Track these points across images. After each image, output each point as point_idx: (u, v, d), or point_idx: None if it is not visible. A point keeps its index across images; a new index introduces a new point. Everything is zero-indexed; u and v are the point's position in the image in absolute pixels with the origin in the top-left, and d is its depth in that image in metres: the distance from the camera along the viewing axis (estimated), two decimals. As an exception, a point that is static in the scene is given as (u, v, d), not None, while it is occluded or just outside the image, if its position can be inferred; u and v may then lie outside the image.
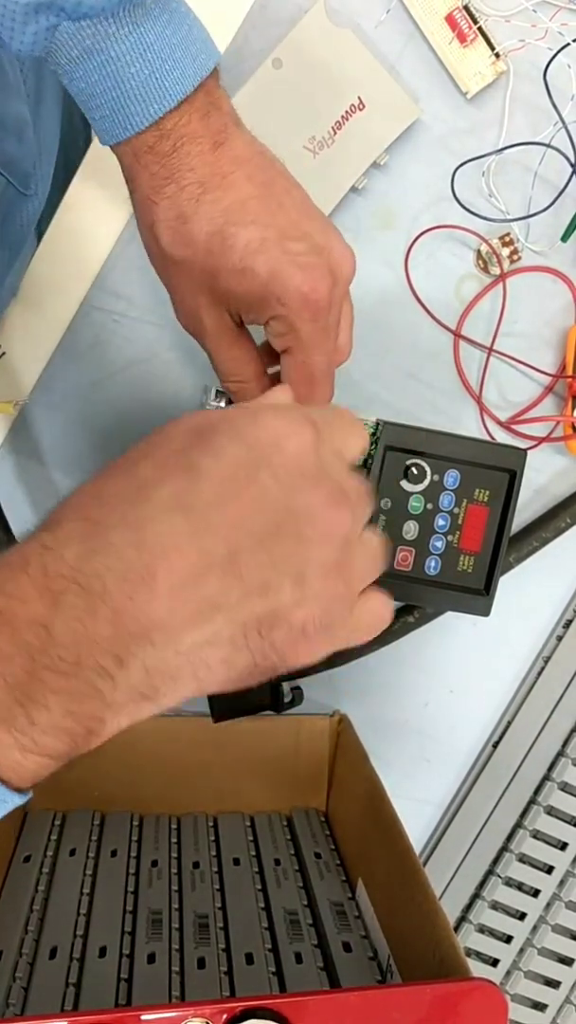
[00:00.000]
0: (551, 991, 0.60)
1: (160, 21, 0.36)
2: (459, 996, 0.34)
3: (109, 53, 0.35)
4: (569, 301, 0.54)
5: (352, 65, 0.48)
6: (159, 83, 0.36)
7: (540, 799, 0.58)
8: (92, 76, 0.36)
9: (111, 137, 0.38)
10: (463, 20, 0.49)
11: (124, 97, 0.36)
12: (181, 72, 0.36)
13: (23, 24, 0.33)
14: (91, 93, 0.36)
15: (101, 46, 0.35)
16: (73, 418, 0.52)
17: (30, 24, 0.33)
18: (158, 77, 0.36)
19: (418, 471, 0.46)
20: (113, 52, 0.35)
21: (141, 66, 0.36)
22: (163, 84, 0.36)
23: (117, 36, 0.35)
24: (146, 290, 0.51)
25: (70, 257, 0.50)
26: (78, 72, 0.36)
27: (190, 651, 0.27)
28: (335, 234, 0.40)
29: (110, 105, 0.36)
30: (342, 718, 0.55)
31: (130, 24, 0.35)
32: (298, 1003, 0.32)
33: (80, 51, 0.35)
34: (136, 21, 0.35)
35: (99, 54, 0.35)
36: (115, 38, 0.35)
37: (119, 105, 0.36)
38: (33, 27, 0.33)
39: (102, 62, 0.36)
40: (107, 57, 0.35)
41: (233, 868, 0.49)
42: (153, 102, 0.36)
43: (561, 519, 0.55)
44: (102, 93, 0.36)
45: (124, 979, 0.40)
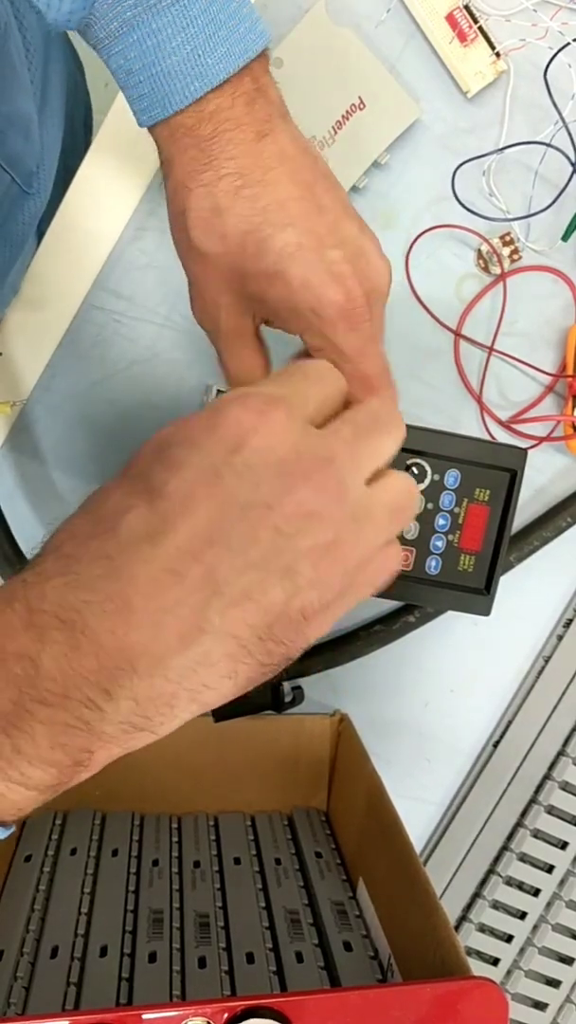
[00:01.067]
0: (552, 990, 0.60)
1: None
2: (460, 995, 0.34)
3: (150, 26, 0.34)
4: (569, 300, 0.54)
5: (353, 64, 0.48)
6: (202, 60, 0.34)
7: (541, 798, 0.59)
8: (131, 51, 0.34)
9: (149, 117, 0.36)
10: (463, 19, 0.49)
11: (164, 74, 0.34)
12: (227, 50, 0.34)
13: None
14: (130, 69, 0.35)
15: (142, 18, 0.34)
16: (73, 418, 0.52)
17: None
18: (201, 54, 0.34)
19: (419, 471, 0.46)
20: (154, 25, 0.34)
21: (183, 40, 0.34)
22: (206, 62, 0.34)
23: (159, 8, 0.33)
24: (147, 290, 0.51)
25: (71, 257, 0.50)
26: (117, 47, 0.35)
27: (182, 676, 0.27)
28: (372, 242, 0.38)
29: (149, 83, 0.35)
30: (343, 718, 0.55)
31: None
32: (299, 1002, 0.32)
33: (120, 23, 0.34)
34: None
35: (139, 27, 0.34)
36: (156, 10, 0.33)
37: (158, 83, 0.35)
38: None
39: (142, 36, 0.34)
40: (148, 30, 0.34)
41: (234, 867, 0.49)
42: (195, 79, 0.34)
43: (561, 518, 0.55)
44: (141, 69, 0.35)
45: (125, 978, 0.40)
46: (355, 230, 0.38)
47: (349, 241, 0.37)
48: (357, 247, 0.37)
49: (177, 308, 0.51)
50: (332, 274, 0.36)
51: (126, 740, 0.27)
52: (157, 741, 0.28)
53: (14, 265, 0.52)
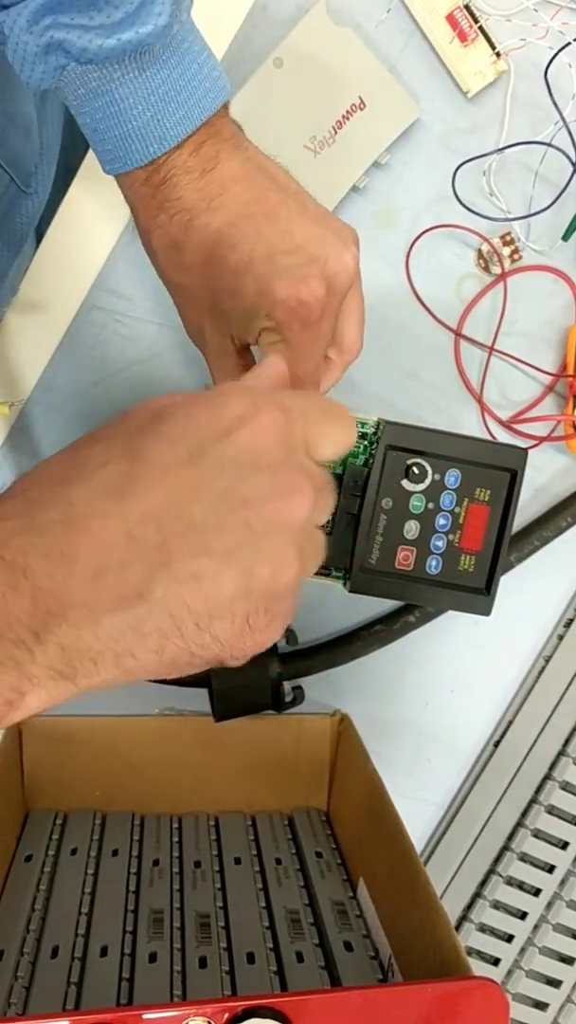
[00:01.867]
0: (552, 990, 0.60)
1: (168, 65, 0.36)
2: (460, 995, 0.34)
3: (113, 95, 0.36)
4: (570, 300, 0.54)
5: (353, 64, 0.48)
6: (160, 125, 0.37)
7: (541, 798, 0.58)
8: (96, 114, 0.37)
9: (111, 169, 0.39)
10: (464, 19, 0.49)
11: (125, 136, 0.37)
12: (184, 114, 0.37)
13: (33, 63, 0.35)
14: (95, 128, 0.37)
15: (105, 88, 0.36)
16: (74, 418, 0.52)
17: (39, 63, 0.35)
18: (159, 120, 0.36)
19: (419, 471, 0.46)
20: (117, 95, 0.36)
21: (144, 109, 0.36)
22: (164, 126, 0.37)
23: (122, 80, 0.36)
24: (147, 290, 0.51)
25: (71, 257, 0.50)
26: (84, 108, 0.37)
27: (111, 637, 0.27)
28: (335, 239, 0.39)
29: (112, 141, 0.37)
30: (343, 717, 0.55)
31: (135, 70, 0.36)
32: (299, 1002, 0.32)
33: (86, 91, 0.36)
34: (142, 67, 0.36)
35: (103, 95, 0.36)
36: (120, 82, 0.36)
37: (120, 143, 0.37)
38: (43, 66, 0.35)
39: (106, 103, 0.36)
40: (111, 99, 0.36)
41: (234, 867, 0.49)
42: (152, 143, 0.37)
43: (562, 518, 0.55)
44: (105, 130, 0.37)
45: (126, 978, 0.40)
46: (312, 233, 0.39)
47: (303, 245, 0.38)
48: (313, 250, 0.39)
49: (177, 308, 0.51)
50: (284, 277, 0.38)
51: (53, 687, 0.27)
52: (158, 741, 0.28)
53: (12, 265, 0.52)
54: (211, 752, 0.54)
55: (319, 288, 0.38)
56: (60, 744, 0.53)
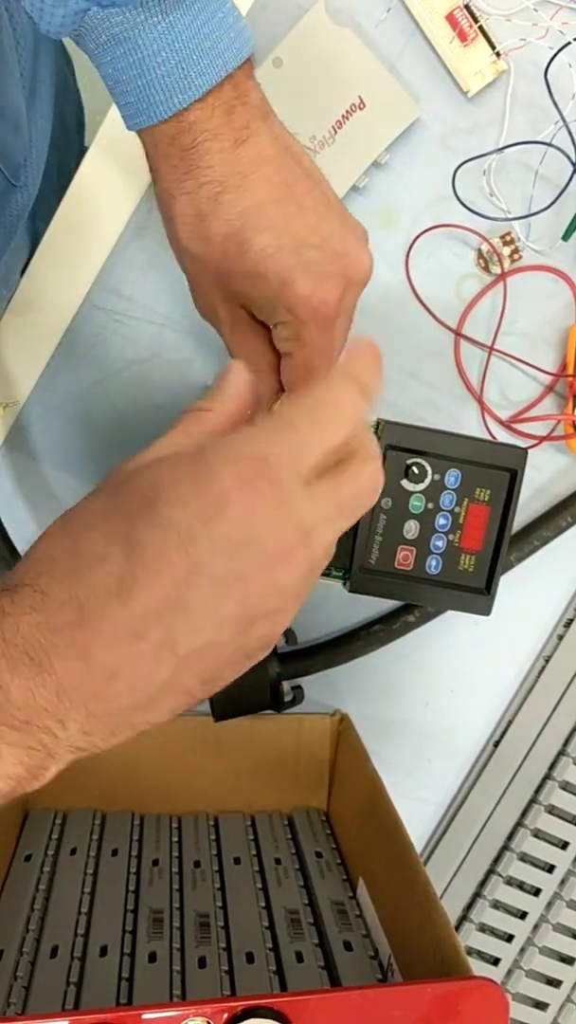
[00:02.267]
0: (552, 990, 0.60)
1: (191, 10, 0.35)
2: (460, 995, 0.34)
3: (136, 41, 0.35)
4: (570, 300, 0.54)
5: (353, 64, 0.48)
6: (184, 74, 0.35)
7: (541, 798, 0.58)
8: (119, 62, 0.36)
9: (134, 124, 0.37)
10: (464, 19, 0.49)
11: (149, 86, 0.36)
12: (209, 63, 0.35)
13: (53, 6, 0.33)
14: (117, 79, 0.36)
15: (128, 34, 0.35)
16: (73, 418, 0.52)
17: (59, 7, 0.33)
18: (184, 67, 0.35)
19: (419, 470, 0.46)
20: (140, 40, 0.35)
21: (168, 55, 0.35)
22: (188, 75, 0.35)
23: (145, 25, 0.35)
24: (147, 289, 0.51)
25: (71, 256, 0.50)
26: (105, 57, 0.36)
27: (127, 714, 0.29)
28: (353, 237, 0.39)
29: (135, 92, 0.36)
30: (343, 717, 0.55)
31: (159, 14, 0.34)
32: (299, 1002, 0.32)
33: (108, 37, 0.35)
34: (165, 11, 0.34)
35: (126, 42, 0.35)
36: (143, 27, 0.35)
37: (144, 93, 0.36)
38: (63, 10, 0.33)
39: (128, 49, 0.35)
40: (133, 45, 0.35)
41: (234, 867, 0.49)
42: (177, 92, 0.36)
43: (562, 518, 0.55)
44: (128, 80, 0.36)
45: (125, 978, 0.40)
46: (336, 228, 0.39)
47: (330, 239, 0.38)
48: (339, 245, 0.38)
49: (177, 307, 0.51)
50: (309, 273, 0.37)
51: (71, 757, 0.30)
52: (157, 741, 0.30)
53: (2, 257, 0.52)
54: (211, 752, 0.54)
55: (339, 287, 0.38)
56: (60, 744, 0.52)
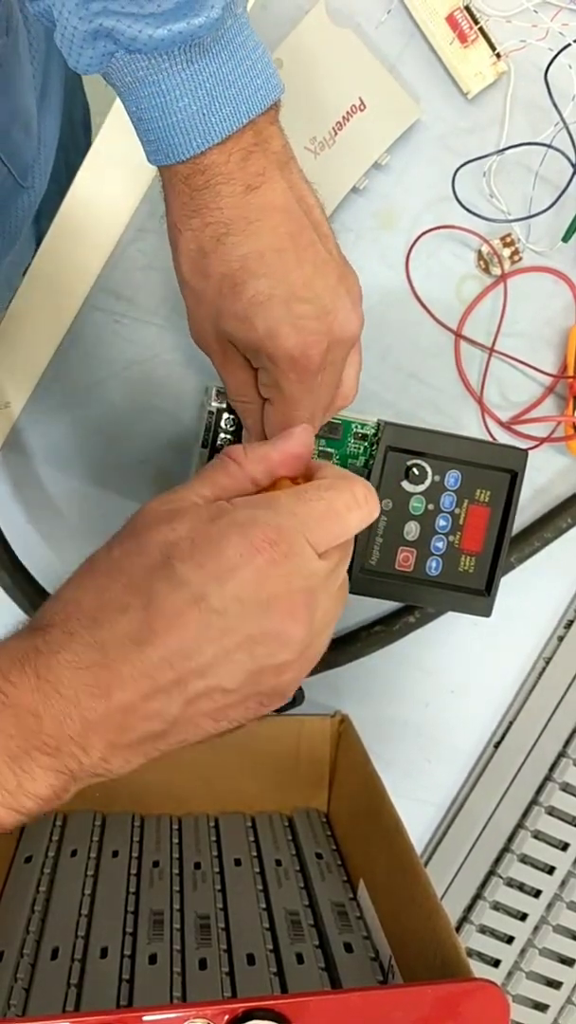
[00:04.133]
0: (552, 991, 0.60)
1: (218, 59, 0.36)
2: (460, 997, 0.34)
3: (160, 86, 0.36)
4: (570, 301, 0.54)
5: (353, 65, 0.48)
6: (205, 119, 0.36)
7: (541, 799, 0.58)
8: (142, 103, 0.36)
9: (154, 160, 0.38)
10: (464, 20, 0.49)
11: (170, 128, 0.36)
12: (232, 110, 0.36)
13: (81, 47, 0.35)
14: (140, 117, 0.37)
15: (153, 78, 0.36)
16: (73, 418, 0.52)
17: (87, 49, 0.35)
18: (205, 113, 0.36)
19: (419, 472, 0.46)
20: (164, 85, 0.36)
21: (190, 101, 0.36)
22: (209, 121, 0.36)
23: (169, 71, 0.35)
24: (148, 291, 0.51)
25: (71, 257, 0.50)
26: (130, 96, 0.37)
27: (140, 744, 0.33)
28: (347, 296, 0.40)
29: (156, 132, 0.37)
30: (343, 718, 0.55)
31: (183, 61, 0.35)
32: (299, 1004, 0.32)
33: (133, 79, 0.36)
34: (191, 59, 0.35)
35: (150, 85, 0.36)
36: (167, 73, 0.35)
37: (164, 134, 0.37)
38: (91, 51, 0.35)
39: (152, 93, 0.36)
40: (157, 89, 0.36)
41: (234, 868, 0.49)
42: (196, 137, 0.36)
43: (562, 519, 0.55)
44: (150, 120, 0.37)
45: (125, 980, 0.40)
46: (330, 284, 0.40)
47: (322, 296, 0.39)
48: (330, 302, 0.39)
49: (177, 309, 0.51)
50: (295, 327, 0.38)
51: (90, 780, 0.33)
52: None
53: (7, 257, 0.52)
54: (211, 753, 0.54)
55: (323, 343, 0.39)
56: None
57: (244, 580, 0.32)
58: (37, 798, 0.31)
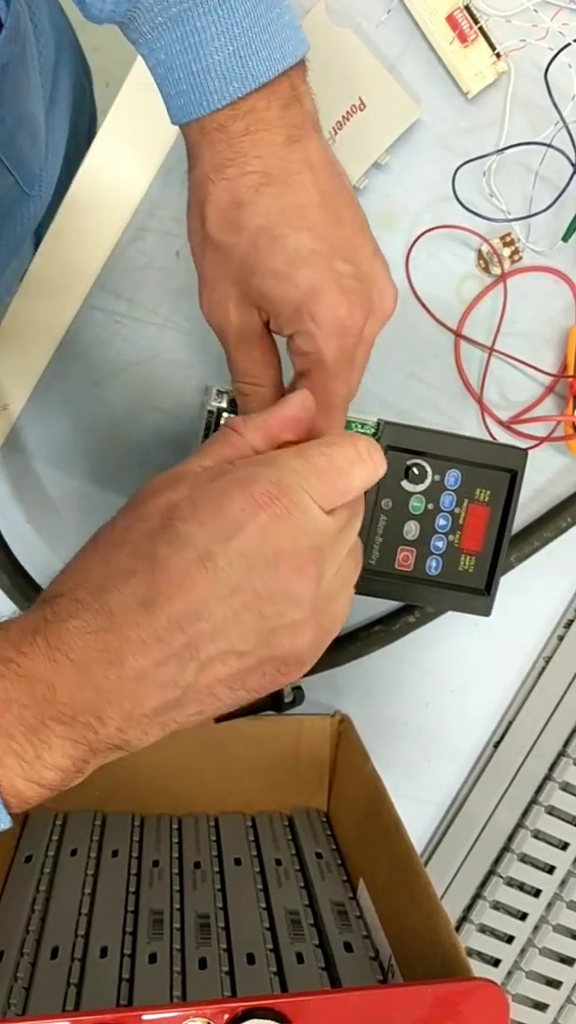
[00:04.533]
0: (552, 991, 0.60)
1: (251, 1, 0.34)
2: (460, 996, 0.34)
3: (194, 23, 0.34)
4: (570, 301, 0.54)
5: (353, 65, 0.48)
6: (243, 62, 0.34)
7: (541, 799, 0.58)
8: (173, 47, 0.34)
9: (184, 115, 0.36)
10: (464, 20, 0.49)
11: (204, 72, 0.34)
12: (268, 54, 0.35)
13: None
14: (170, 66, 0.35)
15: (187, 15, 0.34)
16: (73, 419, 0.52)
17: None
18: (243, 56, 0.34)
19: (419, 471, 0.46)
20: (199, 23, 0.34)
21: (226, 41, 0.34)
22: (247, 64, 0.34)
23: (205, 7, 0.33)
24: (147, 291, 0.51)
25: (71, 257, 0.50)
26: (159, 42, 0.35)
27: (156, 714, 0.32)
28: (383, 266, 0.39)
29: (188, 80, 0.35)
30: (343, 718, 0.55)
31: None
32: (299, 1003, 0.32)
33: (165, 18, 0.34)
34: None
35: (184, 24, 0.34)
36: (202, 8, 0.34)
37: (198, 81, 0.35)
38: None
39: (185, 32, 0.34)
40: (191, 28, 0.34)
41: (234, 868, 0.49)
42: (234, 80, 0.34)
43: (562, 519, 0.55)
44: (181, 66, 0.35)
45: (125, 979, 0.40)
46: (369, 251, 0.38)
47: (362, 260, 0.37)
48: (369, 268, 0.38)
49: (177, 309, 0.51)
50: (340, 286, 0.36)
51: (109, 754, 0.32)
52: (157, 742, 0.33)
53: (9, 265, 0.52)
54: (211, 752, 0.54)
55: (364, 312, 0.37)
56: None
57: (248, 536, 0.31)
58: (57, 769, 0.31)
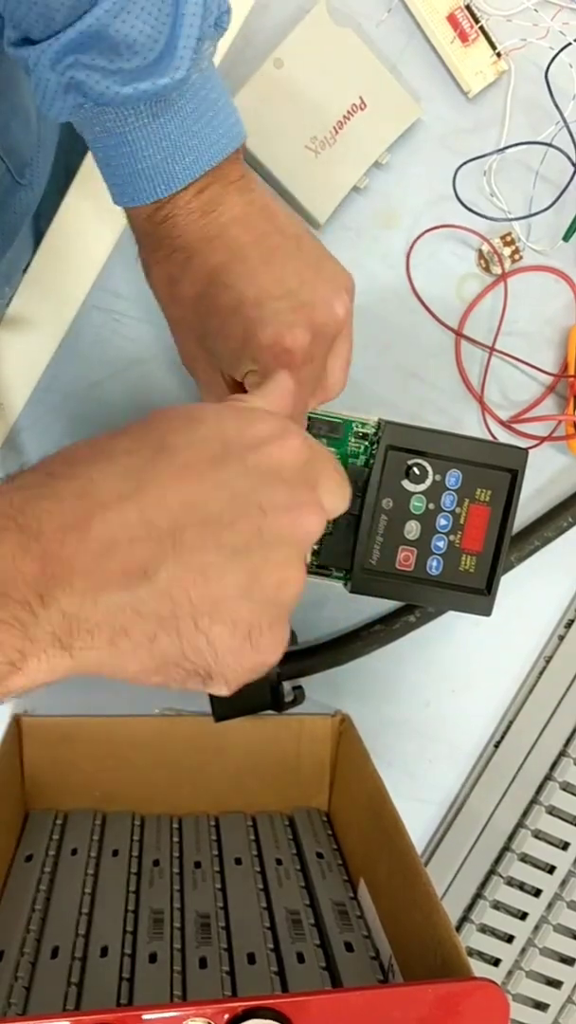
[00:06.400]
0: (553, 991, 0.60)
1: (182, 112, 0.37)
2: (461, 996, 0.34)
3: (126, 137, 0.37)
4: (570, 300, 0.54)
5: (354, 64, 0.48)
6: (169, 168, 0.38)
7: (542, 799, 0.58)
8: (109, 151, 0.38)
9: (119, 201, 0.40)
10: (464, 19, 0.49)
11: (135, 175, 0.38)
12: (194, 159, 0.38)
13: (53, 98, 0.36)
14: (107, 163, 0.39)
15: (120, 130, 0.37)
16: (74, 418, 0.52)
17: (59, 99, 0.36)
18: (169, 164, 0.37)
19: (420, 471, 0.46)
20: (130, 137, 0.37)
21: (154, 152, 0.37)
22: (173, 170, 0.38)
23: (136, 124, 0.37)
24: (147, 290, 0.50)
25: (71, 257, 0.50)
26: (98, 144, 0.38)
27: (110, 610, 0.27)
28: (326, 287, 0.40)
29: (122, 177, 0.38)
30: (344, 718, 0.55)
31: (149, 115, 0.36)
32: (300, 1003, 0.32)
33: (101, 129, 0.37)
34: (156, 113, 0.37)
35: (117, 136, 0.37)
36: (133, 125, 0.37)
37: (130, 180, 0.38)
38: (62, 102, 0.36)
39: (119, 142, 0.37)
40: (124, 139, 0.37)
41: (235, 868, 0.49)
42: (160, 184, 0.38)
43: (563, 518, 0.55)
44: (116, 166, 0.38)
45: (126, 978, 0.40)
46: (306, 279, 0.39)
47: (296, 291, 0.39)
48: (305, 296, 0.39)
49: (178, 308, 0.51)
50: (270, 323, 0.38)
51: (51, 655, 0.27)
52: (158, 741, 0.28)
53: (6, 254, 0.52)
54: (211, 752, 0.54)
55: (304, 336, 0.38)
56: (60, 744, 0.53)
57: (268, 454, 0.30)
58: None
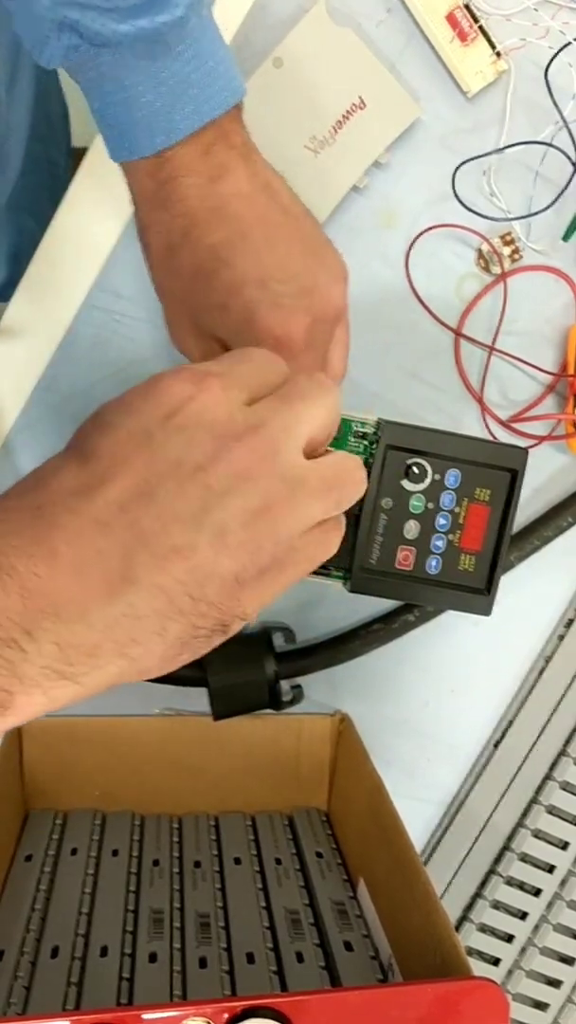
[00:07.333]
0: (552, 990, 0.60)
1: (181, 59, 0.36)
2: (460, 995, 0.34)
3: (123, 82, 0.36)
4: (570, 300, 0.54)
5: (353, 64, 0.48)
6: (168, 117, 0.36)
7: (541, 798, 0.58)
8: (106, 98, 0.37)
9: (116, 156, 0.38)
10: (464, 19, 0.49)
11: (132, 124, 0.36)
12: (194, 108, 0.36)
13: (46, 40, 0.34)
14: (103, 113, 0.37)
15: (116, 74, 0.36)
16: (74, 418, 0.51)
17: (51, 42, 0.34)
18: (168, 111, 0.36)
19: (419, 470, 0.46)
20: (127, 81, 0.36)
21: (153, 98, 0.36)
22: (172, 118, 0.36)
23: (134, 67, 0.35)
24: (147, 290, 0.50)
25: (70, 257, 0.50)
26: (94, 92, 0.37)
27: (107, 626, 0.27)
28: (326, 273, 0.39)
29: (119, 128, 0.37)
30: (343, 718, 0.55)
31: (147, 58, 0.35)
32: (299, 1002, 0.32)
33: (97, 74, 0.36)
34: (154, 56, 0.35)
35: (114, 80, 0.36)
36: (131, 68, 0.35)
37: (126, 130, 0.37)
38: (55, 44, 0.35)
39: (116, 88, 0.36)
40: (120, 85, 0.36)
41: (234, 867, 0.49)
42: (158, 134, 0.36)
43: (562, 518, 0.55)
44: (113, 115, 0.37)
45: (125, 978, 0.40)
46: (307, 264, 0.39)
47: (297, 276, 0.38)
48: (305, 282, 0.39)
49: (177, 308, 0.51)
50: (273, 306, 0.37)
51: (49, 688, 0.27)
52: (158, 740, 0.28)
53: None
54: (211, 752, 0.54)
55: (304, 321, 0.38)
56: (60, 744, 0.53)
57: (185, 412, 0.29)
58: None
